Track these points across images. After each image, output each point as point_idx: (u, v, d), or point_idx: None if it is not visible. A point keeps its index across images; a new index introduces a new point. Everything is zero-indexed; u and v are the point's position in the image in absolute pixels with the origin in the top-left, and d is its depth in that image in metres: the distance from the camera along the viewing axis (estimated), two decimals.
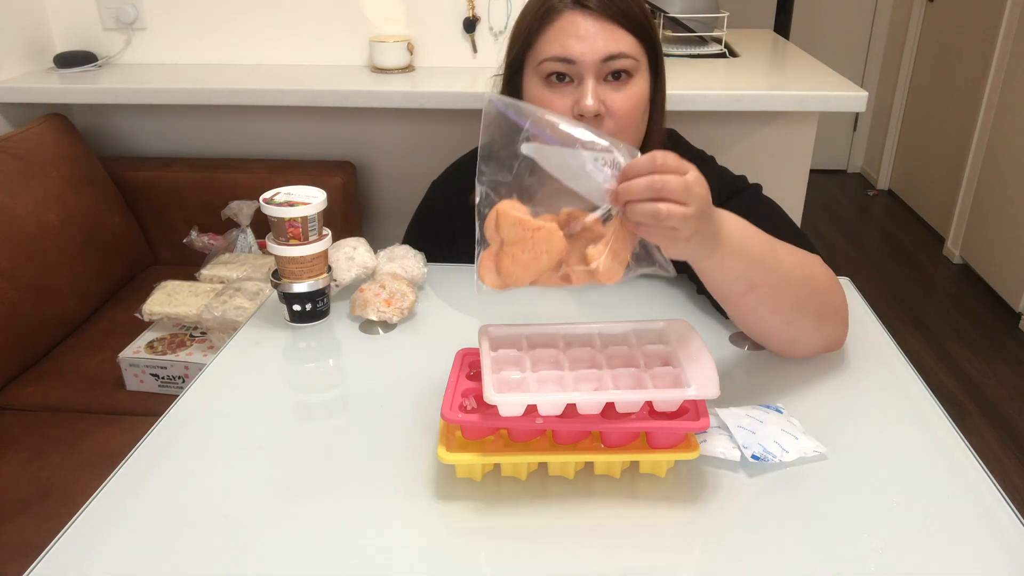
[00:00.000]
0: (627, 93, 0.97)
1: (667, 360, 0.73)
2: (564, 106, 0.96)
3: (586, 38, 0.94)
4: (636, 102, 0.98)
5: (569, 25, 0.95)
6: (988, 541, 0.64)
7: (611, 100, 0.96)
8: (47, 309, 1.56)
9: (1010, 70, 2.87)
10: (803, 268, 0.84)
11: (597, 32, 0.94)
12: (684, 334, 0.75)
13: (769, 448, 0.73)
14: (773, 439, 0.74)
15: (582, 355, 0.74)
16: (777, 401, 0.81)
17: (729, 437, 0.75)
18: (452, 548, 0.65)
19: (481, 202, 0.67)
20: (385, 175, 2.00)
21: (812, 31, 3.99)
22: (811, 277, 0.85)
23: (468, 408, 0.71)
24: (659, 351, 0.74)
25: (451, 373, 0.74)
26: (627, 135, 0.99)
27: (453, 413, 0.69)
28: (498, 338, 0.76)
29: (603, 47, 0.94)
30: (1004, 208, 2.87)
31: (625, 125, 0.98)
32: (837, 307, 0.88)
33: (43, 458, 1.30)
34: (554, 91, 0.97)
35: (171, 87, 1.75)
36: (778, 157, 1.80)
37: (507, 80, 1.04)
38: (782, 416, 0.78)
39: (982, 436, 2.20)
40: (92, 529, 0.67)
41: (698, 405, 0.70)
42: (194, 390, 0.86)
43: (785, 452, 0.73)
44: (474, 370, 0.76)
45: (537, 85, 0.99)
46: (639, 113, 0.99)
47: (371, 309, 0.96)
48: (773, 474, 0.72)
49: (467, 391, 0.72)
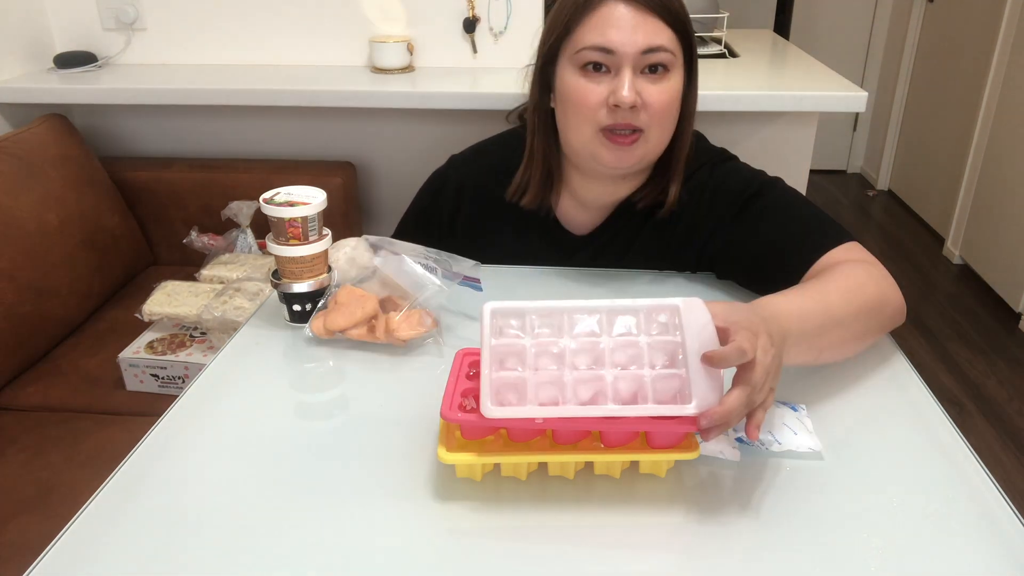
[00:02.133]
0: (663, 87, 0.96)
1: (673, 358, 0.69)
2: (600, 96, 0.96)
3: (626, 29, 0.93)
4: (672, 96, 0.97)
5: (610, 15, 0.94)
6: (988, 541, 0.64)
7: (647, 93, 0.95)
8: (47, 309, 1.56)
9: (1010, 70, 2.87)
10: (854, 299, 0.87)
11: (638, 24, 0.94)
12: (697, 321, 0.70)
13: (760, 435, 0.73)
14: (768, 429, 0.74)
15: (586, 345, 0.71)
16: (777, 401, 0.81)
17: (726, 433, 0.74)
18: (452, 548, 0.65)
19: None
20: (385, 175, 2.00)
21: (812, 31, 3.99)
22: (864, 303, 0.88)
23: (467, 408, 0.70)
24: (667, 344, 0.70)
25: (451, 373, 0.74)
26: (659, 129, 0.99)
27: (452, 412, 0.69)
28: (502, 313, 0.72)
29: (643, 39, 0.93)
30: (1004, 208, 2.87)
31: (659, 119, 0.97)
32: (892, 301, 0.92)
33: (43, 458, 1.30)
34: (591, 80, 0.96)
35: (171, 87, 1.75)
36: (778, 157, 1.80)
37: (539, 70, 1.04)
38: (794, 413, 0.78)
39: (982, 436, 2.20)
40: (92, 529, 0.67)
41: None
42: (194, 390, 0.86)
43: (777, 443, 0.73)
44: (474, 370, 0.76)
45: (572, 74, 0.98)
46: (673, 108, 0.99)
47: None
48: (773, 474, 0.72)
49: (467, 391, 0.72)
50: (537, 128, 1.06)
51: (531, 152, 1.08)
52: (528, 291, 1.09)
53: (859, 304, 0.87)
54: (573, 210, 1.12)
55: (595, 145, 0.99)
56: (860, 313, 0.87)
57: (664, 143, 1.01)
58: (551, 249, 1.14)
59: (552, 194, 1.11)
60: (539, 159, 1.07)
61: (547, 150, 1.07)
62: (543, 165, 1.07)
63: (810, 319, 0.81)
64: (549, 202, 1.11)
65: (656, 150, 1.01)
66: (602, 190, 1.09)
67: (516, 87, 1.12)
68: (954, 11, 3.39)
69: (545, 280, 1.11)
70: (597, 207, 1.11)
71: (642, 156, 1.00)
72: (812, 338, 0.81)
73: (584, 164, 1.04)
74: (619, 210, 1.10)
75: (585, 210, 1.12)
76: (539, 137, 1.06)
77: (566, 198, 1.12)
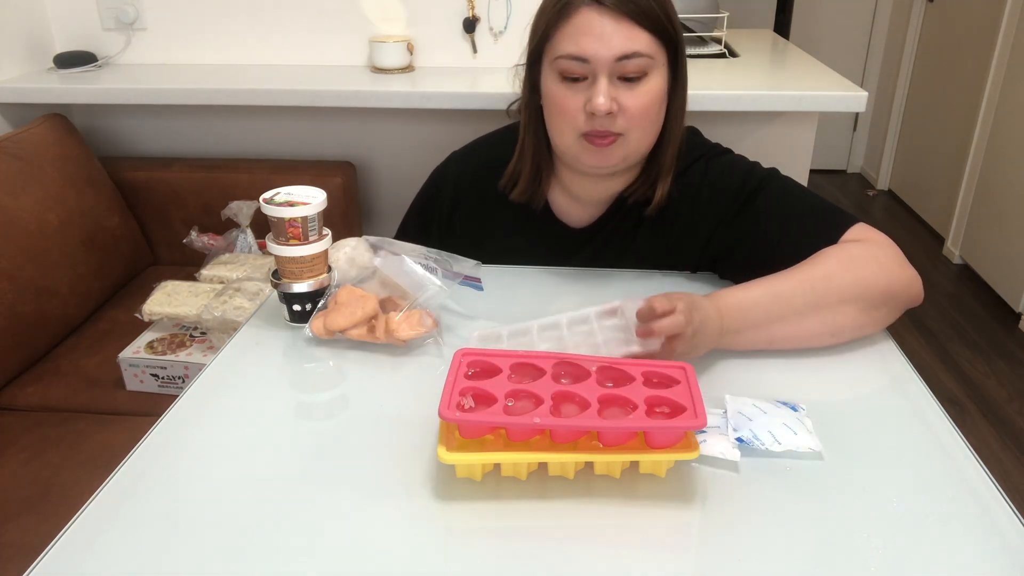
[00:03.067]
0: (641, 91, 0.96)
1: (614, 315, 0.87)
2: (577, 104, 0.96)
3: (601, 36, 0.94)
4: (651, 100, 0.97)
5: (584, 23, 0.94)
6: (988, 541, 0.64)
7: (624, 98, 0.95)
8: (47, 309, 1.56)
9: (1010, 70, 2.87)
10: (822, 286, 0.90)
11: (613, 31, 0.93)
12: (635, 303, 0.85)
13: (760, 435, 0.73)
14: (768, 429, 0.75)
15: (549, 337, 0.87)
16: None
17: (726, 434, 0.75)
18: (452, 548, 0.65)
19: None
20: (385, 175, 2.00)
21: (812, 31, 3.99)
22: (831, 288, 0.90)
23: (466, 407, 0.70)
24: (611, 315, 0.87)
25: (449, 373, 0.74)
26: (639, 132, 0.99)
27: (451, 412, 0.68)
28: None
29: (618, 46, 0.93)
30: (1004, 208, 2.87)
31: (638, 123, 0.98)
32: (893, 280, 0.93)
33: (43, 458, 1.30)
34: (568, 88, 0.97)
35: (171, 87, 1.75)
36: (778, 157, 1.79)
37: (527, 69, 1.05)
38: (794, 413, 0.78)
39: (982, 436, 2.20)
40: (92, 529, 0.67)
41: (695, 402, 0.70)
42: (194, 390, 0.86)
43: (777, 443, 0.73)
44: (472, 369, 0.76)
45: (553, 80, 0.99)
46: (653, 111, 0.99)
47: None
48: (773, 474, 0.72)
49: (465, 390, 0.72)
50: (528, 124, 1.07)
51: (522, 147, 1.09)
52: (528, 291, 1.09)
53: (828, 290, 0.90)
54: (567, 204, 1.13)
55: (576, 148, 1.00)
56: (824, 298, 0.90)
57: (647, 142, 1.02)
58: (550, 244, 1.14)
59: (545, 188, 1.11)
60: (529, 154, 1.08)
61: (537, 146, 1.08)
62: (532, 160, 1.08)
63: (756, 310, 0.89)
64: (541, 196, 1.12)
65: (638, 150, 1.02)
66: (593, 186, 1.09)
67: (513, 87, 1.13)
68: (954, 11, 3.39)
69: (545, 280, 1.11)
70: (591, 202, 1.11)
71: (623, 157, 1.01)
72: (758, 328, 0.89)
73: (571, 163, 1.05)
74: (615, 205, 1.11)
75: (580, 204, 1.12)
76: (529, 133, 1.07)
77: (560, 192, 1.12)
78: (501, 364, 0.75)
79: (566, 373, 0.75)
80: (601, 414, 0.69)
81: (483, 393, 0.72)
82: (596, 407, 0.70)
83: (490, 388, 0.72)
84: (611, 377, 0.74)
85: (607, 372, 0.75)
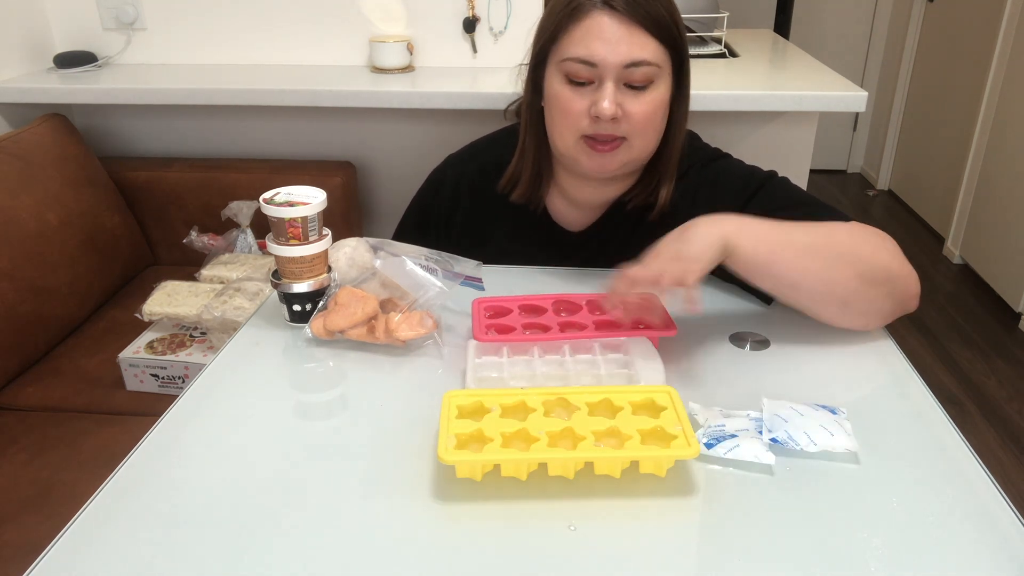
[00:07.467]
0: (646, 99, 0.96)
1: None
2: (582, 105, 0.96)
3: (610, 41, 0.93)
4: (655, 108, 0.97)
5: (595, 26, 0.94)
6: (988, 541, 0.64)
7: (629, 105, 0.96)
8: (47, 309, 1.56)
9: (1010, 70, 2.87)
10: (818, 233, 0.91)
11: (622, 36, 0.93)
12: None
13: (795, 436, 0.73)
14: (804, 430, 0.74)
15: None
16: (777, 400, 0.81)
17: (759, 437, 0.74)
18: (452, 548, 0.65)
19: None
20: (385, 175, 2.00)
21: (812, 31, 3.99)
22: (832, 243, 0.90)
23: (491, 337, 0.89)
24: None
25: (473, 314, 0.94)
26: (642, 137, 0.99)
27: (487, 335, 0.90)
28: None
29: (627, 53, 0.93)
30: (1004, 208, 2.87)
31: (641, 129, 0.98)
32: (895, 272, 0.91)
33: (43, 458, 1.30)
34: (574, 91, 0.97)
35: (171, 87, 1.75)
36: (778, 157, 1.80)
37: (531, 70, 1.04)
38: (834, 416, 0.77)
39: (982, 436, 2.20)
40: (92, 529, 0.67)
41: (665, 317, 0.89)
42: (194, 390, 0.86)
43: (812, 444, 0.73)
44: (489, 312, 0.95)
45: (558, 81, 0.98)
46: (657, 118, 0.99)
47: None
48: (773, 474, 0.72)
49: (489, 325, 0.92)
50: (529, 126, 1.07)
51: (523, 148, 1.09)
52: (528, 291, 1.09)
53: (829, 243, 0.90)
54: (565, 208, 1.13)
55: (577, 151, 1.00)
56: (829, 250, 0.89)
57: (649, 148, 1.02)
58: (547, 246, 1.14)
59: (543, 190, 1.11)
60: (530, 156, 1.08)
61: (538, 148, 1.08)
62: (533, 162, 1.08)
63: (755, 224, 0.88)
64: (541, 198, 1.12)
65: (640, 156, 1.02)
66: (591, 190, 1.09)
67: (516, 87, 1.13)
68: (954, 11, 3.40)
69: (545, 280, 1.11)
70: (588, 206, 1.11)
71: (624, 162, 1.01)
72: (758, 240, 0.87)
73: (570, 166, 1.05)
74: (612, 210, 1.11)
75: (577, 208, 1.12)
76: (530, 135, 1.07)
77: (558, 196, 1.12)
78: (511, 305, 0.96)
79: (563, 308, 0.96)
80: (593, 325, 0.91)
81: (503, 326, 0.92)
82: (592, 329, 0.90)
83: (508, 322, 0.93)
84: (600, 308, 0.94)
85: (596, 305, 0.95)
